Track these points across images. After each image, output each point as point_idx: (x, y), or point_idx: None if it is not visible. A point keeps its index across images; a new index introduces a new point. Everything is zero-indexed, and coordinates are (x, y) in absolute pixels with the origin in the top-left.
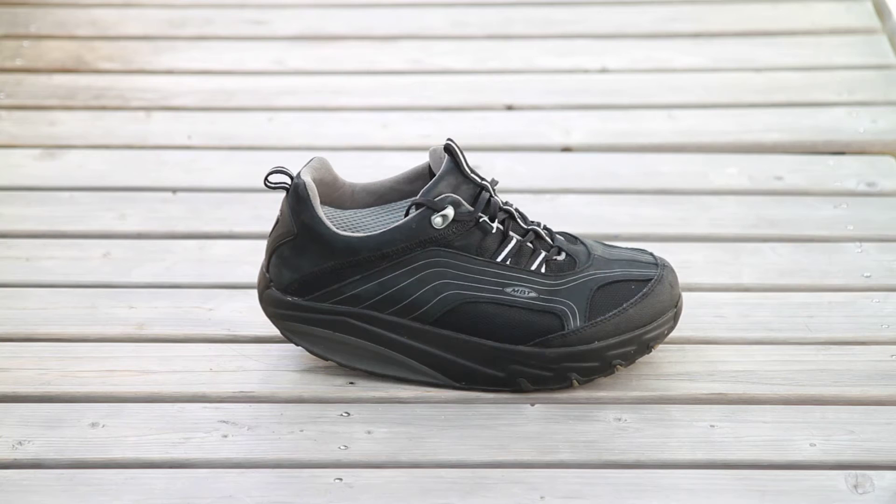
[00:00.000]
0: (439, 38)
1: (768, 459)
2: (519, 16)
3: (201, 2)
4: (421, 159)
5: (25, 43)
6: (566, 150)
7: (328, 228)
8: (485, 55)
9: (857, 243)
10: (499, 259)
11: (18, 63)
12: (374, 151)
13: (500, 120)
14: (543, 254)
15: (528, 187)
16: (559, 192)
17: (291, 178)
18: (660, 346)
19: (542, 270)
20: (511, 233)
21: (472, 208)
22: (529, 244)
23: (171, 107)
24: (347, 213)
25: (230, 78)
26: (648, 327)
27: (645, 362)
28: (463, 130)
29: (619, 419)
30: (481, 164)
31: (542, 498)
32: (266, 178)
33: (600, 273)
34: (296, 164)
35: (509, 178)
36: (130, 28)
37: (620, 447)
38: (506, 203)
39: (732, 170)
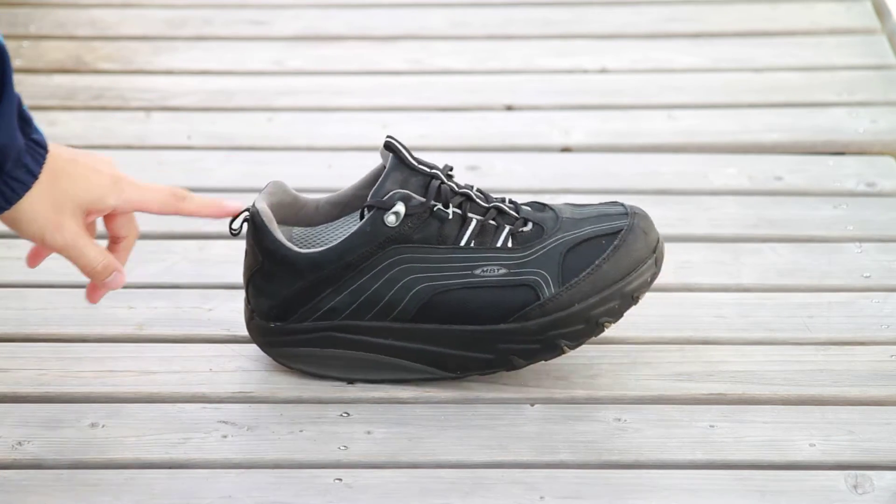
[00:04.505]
0: (439, 38)
1: (768, 459)
2: (519, 16)
3: (201, 2)
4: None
5: (25, 43)
6: (566, 150)
7: (289, 250)
8: (484, 55)
9: (857, 243)
10: (462, 243)
11: (18, 63)
12: (374, 151)
13: (500, 120)
14: (508, 228)
15: (528, 187)
16: (559, 192)
17: (248, 209)
18: (660, 346)
19: (509, 245)
20: (470, 214)
21: (423, 199)
22: (492, 221)
23: (170, 107)
24: (318, 228)
25: (230, 78)
26: (628, 279)
27: (645, 362)
28: (462, 130)
29: (619, 419)
30: (481, 165)
31: (541, 498)
32: (230, 227)
33: (569, 235)
34: (296, 164)
35: (509, 178)
36: (130, 28)
37: (620, 447)
38: (464, 186)
39: (732, 170)
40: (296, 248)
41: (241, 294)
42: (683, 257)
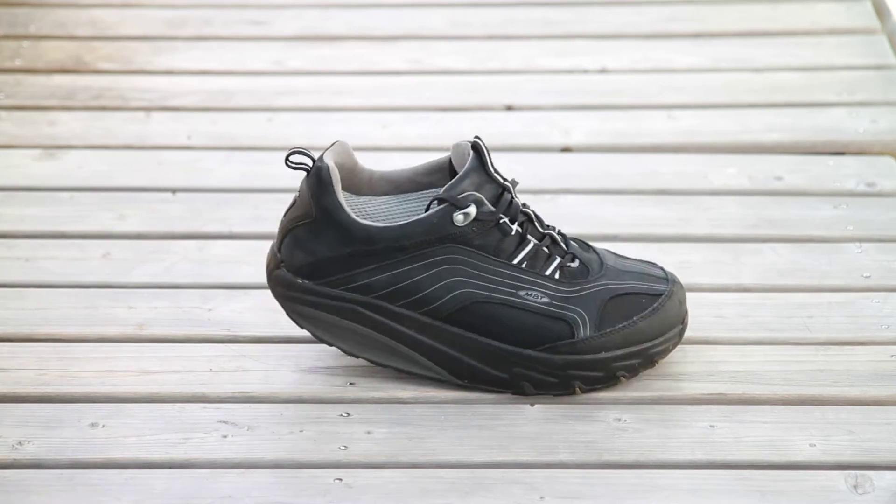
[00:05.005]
0: (439, 38)
1: (768, 459)
2: (519, 16)
3: (201, 2)
4: (421, 159)
5: (25, 43)
6: (566, 150)
7: (348, 216)
8: (484, 55)
9: (857, 243)
10: (515, 261)
11: (18, 63)
12: (374, 151)
13: (500, 120)
14: (558, 259)
15: (528, 187)
16: (559, 193)
17: (313, 160)
18: None
19: (556, 276)
20: (529, 236)
21: (493, 208)
22: (545, 249)
23: (170, 107)
24: (363, 199)
25: (230, 78)
26: (656, 342)
27: None
28: (462, 130)
29: (619, 419)
30: None
31: (541, 498)
32: (287, 158)
33: (612, 284)
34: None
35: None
36: (130, 28)
37: (620, 447)
38: (524, 205)
39: (732, 170)
40: (354, 216)
41: (242, 294)
42: (683, 257)
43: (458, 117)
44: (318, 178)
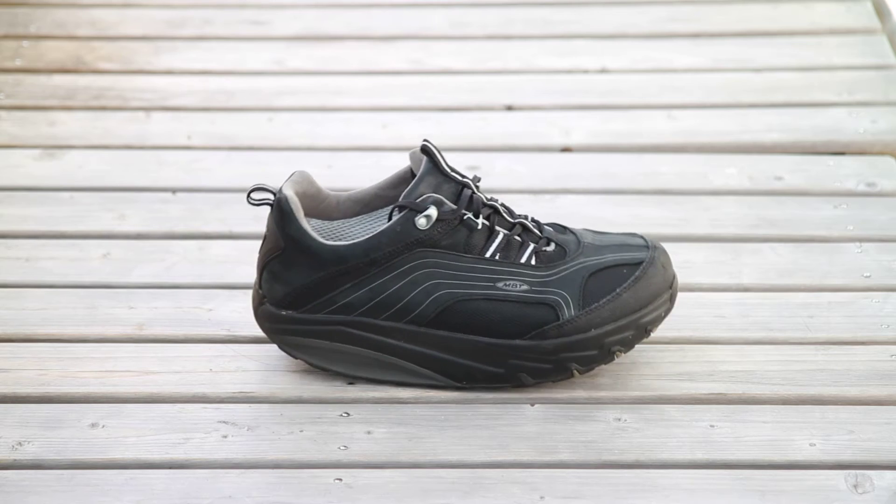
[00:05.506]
0: (439, 38)
1: (768, 459)
2: (519, 16)
3: (201, 2)
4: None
5: (25, 43)
6: (566, 150)
7: (314, 240)
8: (485, 55)
9: (857, 243)
10: (487, 255)
11: (18, 63)
12: (374, 151)
13: (500, 120)
14: (532, 246)
15: (528, 187)
16: (559, 193)
17: (274, 193)
18: (660, 346)
19: (532, 262)
20: (497, 227)
21: (454, 206)
22: (517, 237)
23: (170, 107)
24: (336, 223)
25: (230, 78)
26: (644, 311)
27: (645, 362)
28: (463, 130)
29: (619, 419)
30: (481, 165)
31: (541, 498)
32: (248, 196)
33: (591, 260)
34: (296, 164)
35: (509, 178)
36: (130, 28)
37: (620, 447)
38: (490, 198)
39: (732, 170)
40: (321, 239)
41: (242, 294)
42: (684, 257)
43: (458, 117)
44: (279, 209)
